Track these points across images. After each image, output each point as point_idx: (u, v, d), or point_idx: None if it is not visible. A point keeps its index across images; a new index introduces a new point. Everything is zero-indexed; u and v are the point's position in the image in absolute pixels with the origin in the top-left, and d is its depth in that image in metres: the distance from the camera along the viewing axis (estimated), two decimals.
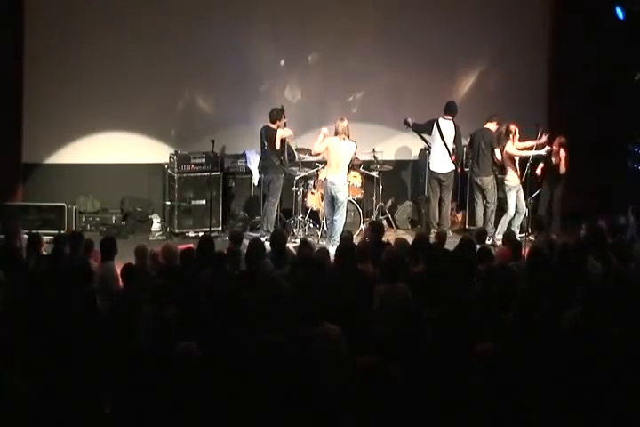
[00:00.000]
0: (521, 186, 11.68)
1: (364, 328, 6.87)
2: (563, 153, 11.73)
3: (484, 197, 11.93)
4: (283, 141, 11.49)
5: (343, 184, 11.18)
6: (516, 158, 11.67)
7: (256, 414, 5.56)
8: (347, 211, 11.74)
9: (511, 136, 11.61)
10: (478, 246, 8.90)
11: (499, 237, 11.20)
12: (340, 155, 11.11)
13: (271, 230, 11.09)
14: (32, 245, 8.66)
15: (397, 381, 5.54)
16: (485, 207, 11.94)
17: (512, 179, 11.70)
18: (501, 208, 11.94)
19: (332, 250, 9.29)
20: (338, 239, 10.34)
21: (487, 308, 6.94)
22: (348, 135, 11.05)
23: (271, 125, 11.45)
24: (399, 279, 7.36)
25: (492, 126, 11.87)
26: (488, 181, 11.88)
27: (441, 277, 7.63)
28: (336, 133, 11.09)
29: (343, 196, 11.17)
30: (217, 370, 5.90)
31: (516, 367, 5.87)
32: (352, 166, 11.97)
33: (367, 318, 7.07)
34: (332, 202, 11.16)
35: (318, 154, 11.43)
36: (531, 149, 11.49)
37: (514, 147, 11.63)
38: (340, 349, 6.30)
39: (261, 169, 11.74)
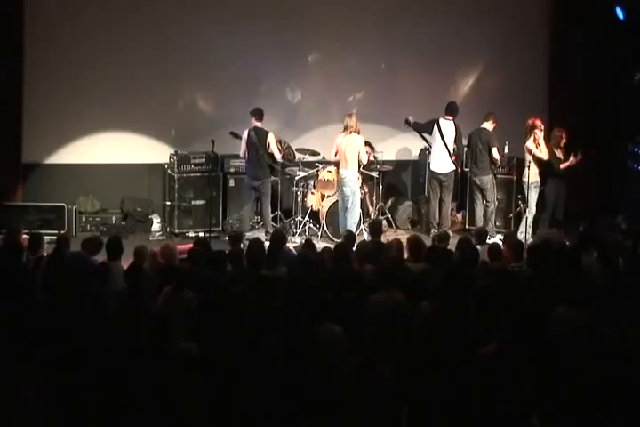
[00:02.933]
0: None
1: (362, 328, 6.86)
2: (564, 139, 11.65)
3: (484, 197, 11.92)
4: (277, 142, 11.56)
5: (351, 178, 11.23)
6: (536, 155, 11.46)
7: (256, 415, 5.57)
8: None
9: (536, 131, 11.43)
10: (488, 245, 8.90)
11: (521, 236, 11.04)
12: (344, 149, 11.20)
13: (271, 231, 11.12)
14: (32, 245, 8.65)
15: (385, 380, 5.57)
16: (485, 207, 11.93)
17: (530, 175, 11.49)
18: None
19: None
20: None
21: (488, 308, 6.92)
22: (357, 130, 11.17)
23: (259, 125, 11.43)
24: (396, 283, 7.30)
25: (488, 125, 11.85)
26: (487, 181, 11.88)
27: (442, 277, 7.59)
28: (344, 129, 11.17)
29: (349, 190, 11.22)
30: (217, 370, 5.90)
31: (517, 368, 5.88)
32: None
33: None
34: (343, 198, 11.25)
35: (336, 159, 11.43)
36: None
37: (534, 144, 11.43)
38: (343, 349, 6.29)
39: (250, 173, 11.64)
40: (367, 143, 11.85)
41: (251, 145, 11.44)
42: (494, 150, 11.73)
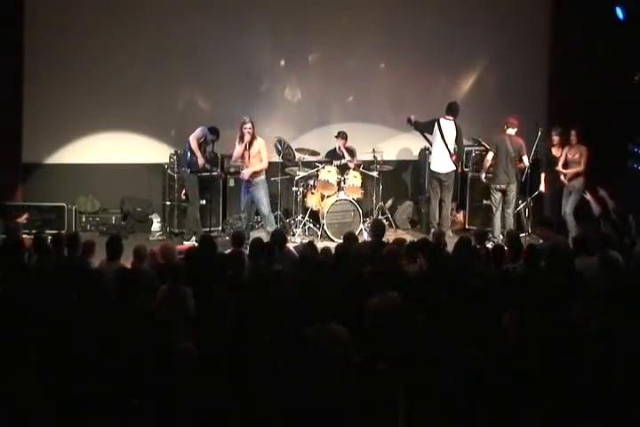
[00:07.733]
0: None
1: (362, 329, 6.86)
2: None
3: (508, 206, 11.68)
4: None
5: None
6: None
7: (257, 415, 5.57)
8: (347, 211, 11.80)
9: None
10: (492, 245, 8.89)
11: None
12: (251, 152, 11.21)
13: (199, 232, 11.13)
14: (36, 245, 8.65)
15: (385, 380, 5.56)
16: (507, 214, 11.69)
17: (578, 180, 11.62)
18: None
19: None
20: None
21: (486, 308, 6.93)
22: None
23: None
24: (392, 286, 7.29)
25: (514, 132, 11.67)
26: (514, 188, 11.69)
27: (441, 277, 7.61)
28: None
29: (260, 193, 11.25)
30: (218, 371, 5.90)
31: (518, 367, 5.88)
32: (352, 166, 12.07)
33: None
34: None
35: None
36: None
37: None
38: (347, 349, 6.29)
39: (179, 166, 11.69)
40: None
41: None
42: (525, 158, 11.60)
